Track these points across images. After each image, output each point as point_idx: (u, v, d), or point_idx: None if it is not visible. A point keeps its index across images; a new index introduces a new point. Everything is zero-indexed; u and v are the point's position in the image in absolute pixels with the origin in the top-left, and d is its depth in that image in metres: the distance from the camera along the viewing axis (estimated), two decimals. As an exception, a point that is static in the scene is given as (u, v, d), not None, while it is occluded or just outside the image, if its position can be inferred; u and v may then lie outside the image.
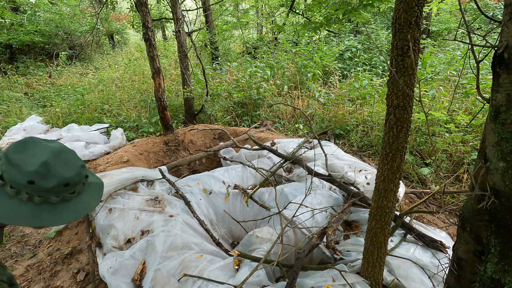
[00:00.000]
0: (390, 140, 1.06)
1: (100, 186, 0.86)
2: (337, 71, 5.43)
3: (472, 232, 0.92)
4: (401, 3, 0.89)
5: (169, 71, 6.87)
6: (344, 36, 7.64)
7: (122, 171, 2.34)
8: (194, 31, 4.87)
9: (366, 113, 3.77)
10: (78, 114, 4.72)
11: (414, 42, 0.92)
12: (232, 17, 9.74)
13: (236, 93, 4.66)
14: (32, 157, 0.71)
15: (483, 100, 0.83)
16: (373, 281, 1.35)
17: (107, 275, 1.56)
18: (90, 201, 0.80)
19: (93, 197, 0.81)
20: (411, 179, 2.69)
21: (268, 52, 6.84)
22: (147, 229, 1.86)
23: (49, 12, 9.03)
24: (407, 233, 1.74)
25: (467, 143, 2.84)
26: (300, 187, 2.26)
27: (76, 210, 0.75)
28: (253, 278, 1.47)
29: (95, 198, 0.82)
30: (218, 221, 2.29)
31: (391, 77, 0.99)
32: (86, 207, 0.78)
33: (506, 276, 0.78)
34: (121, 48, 11.32)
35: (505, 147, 0.75)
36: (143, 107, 5.03)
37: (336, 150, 2.74)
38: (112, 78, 6.89)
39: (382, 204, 1.18)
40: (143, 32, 3.14)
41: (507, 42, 0.72)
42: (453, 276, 1.03)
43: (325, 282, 1.41)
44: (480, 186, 0.85)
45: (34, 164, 0.70)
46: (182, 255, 1.61)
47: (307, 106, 4.36)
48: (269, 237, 1.74)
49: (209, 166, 3.39)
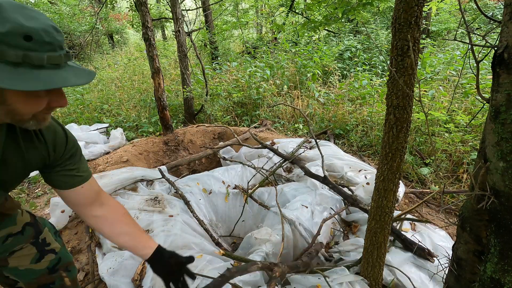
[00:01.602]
0: (389, 140, 1.06)
1: (91, 73, 0.67)
2: (337, 71, 5.43)
3: (471, 232, 0.92)
4: (401, 2, 0.89)
5: (169, 71, 6.87)
6: (344, 36, 7.64)
7: (122, 171, 2.34)
8: (194, 30, 4.87)
9: (366, 113, 3.77)
10: (78, 114, 4.71)
11: (414, 42, 0.92)
12: (232, 17, 9.74)
13: (236, 93, 4.66)
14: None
15: (483, 100, 0.83)
16: (372, 280, 1.35)
17: (106, 276, 1.56)
18: (70, 77, 0.61)
19: (76, 76, 0.63)
20: (411, 179, 2.69)
21: (268, 52, 6.83)
22: (147, 229, 1.86)
23: (49, 12, 9.02)
24: (395, 238, 1.69)
25: (466, 143, 2.84)
26: (300, 187, 2.26)
27: (46, 80, 0.58)
28: (250, 278, 1.47)
29: (79, 77, 0.63)
30: (218, 221, 2.29)
31: (391, 77, 0.99)
32: (61, 80, 0.60)
33: (506, 276, 0.79)
34: (120, 47, 11.31)
35: (505, 147, 0.75)
36: (142, 107, 5.02)
37: (335, 150, 2.74)
38: (112, 77, 6.88)
39: (382, 204, 1.18)
40: (143, 32, 3.13)
41: (507, 42, 0.72)
42: (452, 276, 1.03)
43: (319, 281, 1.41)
44: (480, 186, 0.85)
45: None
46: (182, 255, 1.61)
47: (307, 106, 4.36)
48: (268, 238, 1.74)
49: (209, 166, 3.39)
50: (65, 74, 0.61)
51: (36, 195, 2.53)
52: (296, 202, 2.03)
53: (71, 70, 0.63)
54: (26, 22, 0.57)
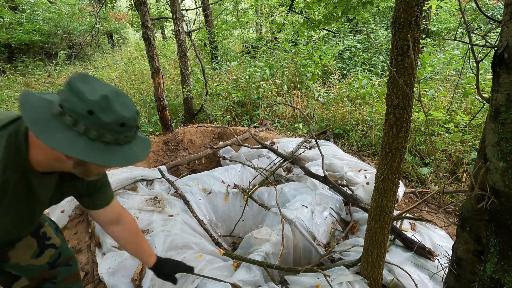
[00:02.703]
0: (389, 140, 1.06)
1: (148, 143, 0.84)
2: (337, 71, 5.42)
3: (471, 232, 0.92)
4: (401, 2, 0.89)
5: (169, 71, 6.86)
6: (344, 36, 7.63)
7: (121, 170, 2.33)
8: (194, 30, 4.86)
9: (366, 113, 3.77)
10: (77, 114, 4.70)
11: (414, 41, 0.92)
12: (232, 16, 9.73)
13: (236, 93, 4.65)
14: (94, 90, 0.69)
15: (483, 100, 0.83)
16: (372, 280, 1.35)
17: (106, 276, 1.56)
18: (139, 153, 0.78)
19: (142, 150, 0.80)
20: (411, 179, 2.69)
21: (268, 52, 6.83)
22: (147, 229, 1.86)
23: (48, 11, 9.01)
24: (395, 237, 1.70)
25: (466, 142, 2.84)
26: (300, 186, 2.26)
27: (126, 156, 0.74)
28: (250, 277, 1.47)
29: (143, 151, 0.80)
30: (218, 220, 2.29)
31: (390, 76, 0.99)
32: (135, 156, 0.76)
33: (505, 276, 0.79)
34: (120, 47, 11.30)
35: (505, 147, 0.75)
36: (142, 107, 5.02)
37: (335, 150, 2.74)
38: (112, 77, 6.87)
39: (382, 204, 1.18)
40: (143, 32, 3.13)
41: (507, 42, 0.72)
42: (452, 276, 1.03)
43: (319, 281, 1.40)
44: (480, 186, 0.85)
45: (95, 96, 0.68)
46: (182, 255, 1.61)
47: (307, 106, 4.35)
48: (267, 238, 1.74)
49: (209, 165, 3.39)
50: (135, 149, 0.77)
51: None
52: (296, 202, 2.03)
53: (137, 143, 0.80)
54: (123, 112, 0.71)
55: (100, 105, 0.68)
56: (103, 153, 0.70)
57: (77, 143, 0.68)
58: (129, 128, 0.73)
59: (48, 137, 0.66)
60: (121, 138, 0.73)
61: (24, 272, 1.06)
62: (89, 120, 0.68)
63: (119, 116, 0.70)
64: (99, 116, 0.68)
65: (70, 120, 0.68)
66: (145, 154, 0.80)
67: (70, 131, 0.68)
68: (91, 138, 0.69)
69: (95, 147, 0.69)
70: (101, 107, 0.68)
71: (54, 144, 0.66)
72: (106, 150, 0.71)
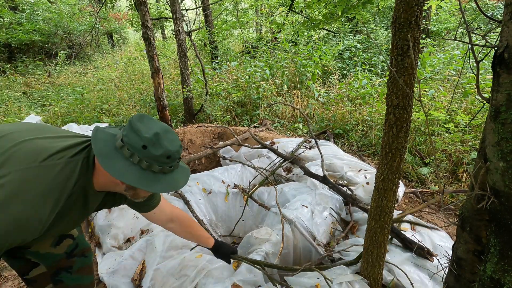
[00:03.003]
0: (389, 140, 1.06)
1: (187, 171, 0.98)
2: (337, 71, 5.42)
3: (471, 232, 0.92)
4: (401, 2, 0.89)
5: (169, 71, 6.87)
6: (344, 36, 7.63)
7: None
8: (194, 30, 4.86)
9: (366, 113, 3.77)
10: (77, 114, 4.71)
11: (414, 41, 0.92)
12: (232, 16, 9.73)
13: (236, 93, 4.65)
14: (148, 128, 0.85)
15: (483, 100, 0.83)
16: (372, 280, 1.35)
17: (106, 276, 1.56)
18: (180, 180, 0.92)
19: (182, 177, 0.93)
20: (411, 179, 2.69)
21: (268, 52, 6.83)
22: (147, 229, 1.86)
23: (48, 11, 9.01)
24: (393, 237, 1.68)
25: (466, 142, 2.84)
26: (300, 186, 2.26)
27: (169, 183, 0.88)
28: (250, 277, 1.47)
29: (183, 179, 0.94)
30: (218, 220, 2.29)
31: (390, 76, 0.99)
32: (176, 183, 0.90)
33: (505, 276, 0.78)
34: (120, 47, 11.30)
35: (505, 147, 0.74)
36: (142, 107, 5.02)
37: (335, 150, 2.74)
38: (111, 77, 6.88)
39: (382, 204, 1.18)
40: (143, 32, 3.13)
41: (507, 41, 0.72)
42: (452, 276, 1.03)
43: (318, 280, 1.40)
44: (480, 186, 0.85)
45: (149, 133, 0.83)
46: (182, 255, 1.61)
47: (307, 106, 4.35)
48: (268, 238, 1.74)
49: (209, 165, 3.38)
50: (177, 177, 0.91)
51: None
52: (296, 202, 2.03)
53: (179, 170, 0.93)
54: (170, 147, 0.85)
55: (152, 141, 0.83)
56: (151, 181, 0.84)
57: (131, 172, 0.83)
58: (173, 160, 0.87)
59: (109, 165, 0.82)
60: (166, 168, 0.86)
61: (43, 259, 1.13)
62: (142, 153, 0.83)
63: (166, 150, 0.84)
64: (151, 150, 0.83)
65: (128, 152, 0.83)
66: (184, 182, 0.93)
67: (127, 161, 0.83)
68: (142, 167, 0.83)
69: (145, 175, 0.84)
70: (152, 142, 0.83)
71: (113, 171, 0.82)
72: (153, 178, 0.85)
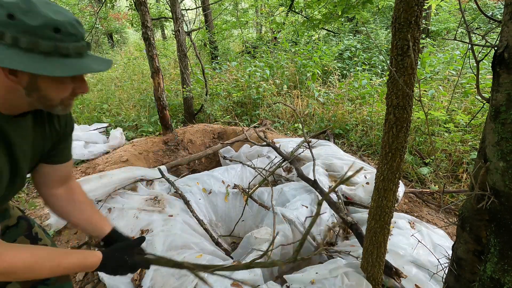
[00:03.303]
0: (389, 140, 1.06)
1: (108, 60, 0.74)
2: (337, 71, 5.42)
3: (471, 232, 0.92)
4: (401, 2, 0.89)
5: (169, 71, 6.86)
6: (344, 36, 7.63)
7: (122, 170, 2.33)
8: (194, 30, 4.86)
9: (366, 113, 3.77)
10: (77, 113, 4.71)
11: (414, 41, 0.92)
12: (232, 16, 9.73)
13: (236, 93, 4.66)
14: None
15: (483, 100, 0.83)
16: (372, 280, 1.35)
17: (105, 276, 1.56)
18: (93, 65, 0.69)
19: (97, 64, 0.71)
20: (411, 179, 2.69)
21: (268, 52, 6.83)
22: (147, 229, 1.86)
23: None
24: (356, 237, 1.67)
25: (466, 142, 2.84)
26: (300, 186, 2.26)
27: (74, 65, 0.66)
28: (250, 276, 1.46)
29: (99, 65, 0.71)
30: (218, 220, 2.29)
31: (390, 76, 0.99)
32: (86, 68, 0.68)
33: (505, 276, 0.78)
34: (120, 47, 11.30)
35: (505, 147, 0.74)
36: (142, 107, 5.02)
37: (335, 150, 2.74)
38: (111, 77, 6.87)
39: (382, 204, 1.18)
40: (142, 31, 3.13)
41: (507, 41, 0.72)
42: (452, 276, 1.03)
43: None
44: (480, 186, 0.85)
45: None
46: (182, 255, 1.61)
47: (307, 106, 4.35)
48: (268, 237, 1.74)
49: (209, 165, 3.39)
50: (88, 62, 0.69)
51: (35, 194, 2.53)
52: (296, 202, 2.03)
53: (92, 59, 0.71)
54: (54, 16, 0.63)
55: (20, 7, 0.61)
56: (43, 62, 0.62)
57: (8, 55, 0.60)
58: (68, 36, 0.65)
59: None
60: (63, 48, 0.64)
61: None
62: (13, 27, 0.60)
63: (48, 20, 0.62)
64: (23, 19, 0.60)
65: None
66: (100, 68, 0.70)
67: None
68: (22, 47, 0.61)
69: (33, 58, 0.62)
70: (22, 9, 0.61)
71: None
72: (47, 61, 0.63)
